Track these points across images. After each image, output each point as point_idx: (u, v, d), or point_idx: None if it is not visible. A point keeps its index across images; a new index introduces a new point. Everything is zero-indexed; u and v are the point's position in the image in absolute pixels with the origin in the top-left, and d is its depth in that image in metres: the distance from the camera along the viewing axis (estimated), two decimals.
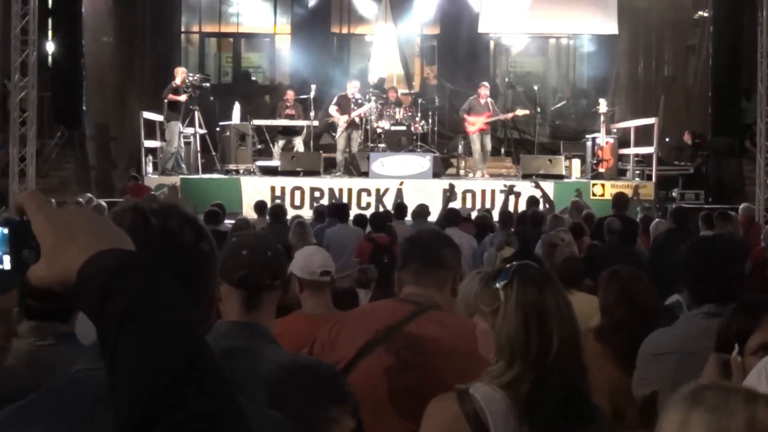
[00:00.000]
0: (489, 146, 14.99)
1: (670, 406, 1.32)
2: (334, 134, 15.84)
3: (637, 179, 14.64)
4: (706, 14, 16.05)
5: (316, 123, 15.59)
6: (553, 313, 2.01)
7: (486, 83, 15.31)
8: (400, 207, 10.50)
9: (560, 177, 14.23)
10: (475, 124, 14.67)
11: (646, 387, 3.04)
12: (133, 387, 0.88)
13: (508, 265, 2.12)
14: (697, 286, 2.97)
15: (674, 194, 14.67)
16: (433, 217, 9.94)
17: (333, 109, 15.16)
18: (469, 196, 13.79)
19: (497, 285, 2.07)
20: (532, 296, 2.03)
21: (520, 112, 15.28)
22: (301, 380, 1.96)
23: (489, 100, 14.91)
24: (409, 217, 10.05)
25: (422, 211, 9.87)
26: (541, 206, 10.30)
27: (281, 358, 2.20)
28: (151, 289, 0.94)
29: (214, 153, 15.04)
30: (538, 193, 10.78)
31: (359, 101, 15.20)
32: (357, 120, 15.08)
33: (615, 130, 15.40)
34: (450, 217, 9.14)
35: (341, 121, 14.98)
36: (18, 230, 1.03)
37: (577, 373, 2.02)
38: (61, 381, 1.31)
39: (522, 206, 11.10)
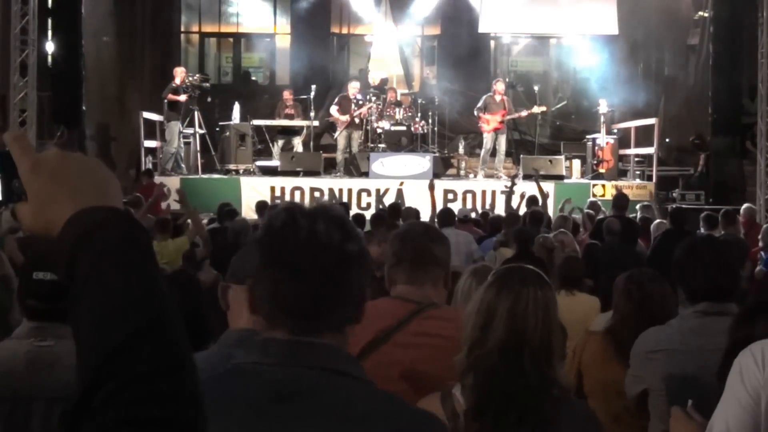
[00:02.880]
0: (504, 147, 14.54)
1: None
2: (334, 134, 15.83)
3: (638, 179, 14.63)
4: (706, 14, 16.03)
5: (316, 123, 15.56)
6: (501, 314, 2.04)
7: (500, 79, 15.09)
8: (394, 208, 10.45)
9: (560, 177, 14.20)
10: (490, 122, 14.32)
11: (639, 385, 3.05)
12: (86, 348, 0.87)
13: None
14: (690, 284, 2.95)
15: (674, 195, 14.65)
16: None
17: (334, 109, 15.13)
18: (469, 196, 13.77)
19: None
20: (489, 296, 2.08)
21: (537, 109, 14.77)
22: None
23: (505, 97, 14.50)
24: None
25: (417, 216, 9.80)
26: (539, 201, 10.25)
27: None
28: (116, 252, 0.92)
29: (213, 153, 15.01)
30: (534, 187, 10.69)
31: (360, 102, 15.17)
32: (357, 120, 15.06)
33: (615, 131, 15.37)
34: (444, 217, 9.07)
35: (341, 120, 14.96)
36: (8, 161, 1.02)
37: (530, 370, 2.01)
38: (228, 371, 1.37)
39: (523, 205, 11.03)
